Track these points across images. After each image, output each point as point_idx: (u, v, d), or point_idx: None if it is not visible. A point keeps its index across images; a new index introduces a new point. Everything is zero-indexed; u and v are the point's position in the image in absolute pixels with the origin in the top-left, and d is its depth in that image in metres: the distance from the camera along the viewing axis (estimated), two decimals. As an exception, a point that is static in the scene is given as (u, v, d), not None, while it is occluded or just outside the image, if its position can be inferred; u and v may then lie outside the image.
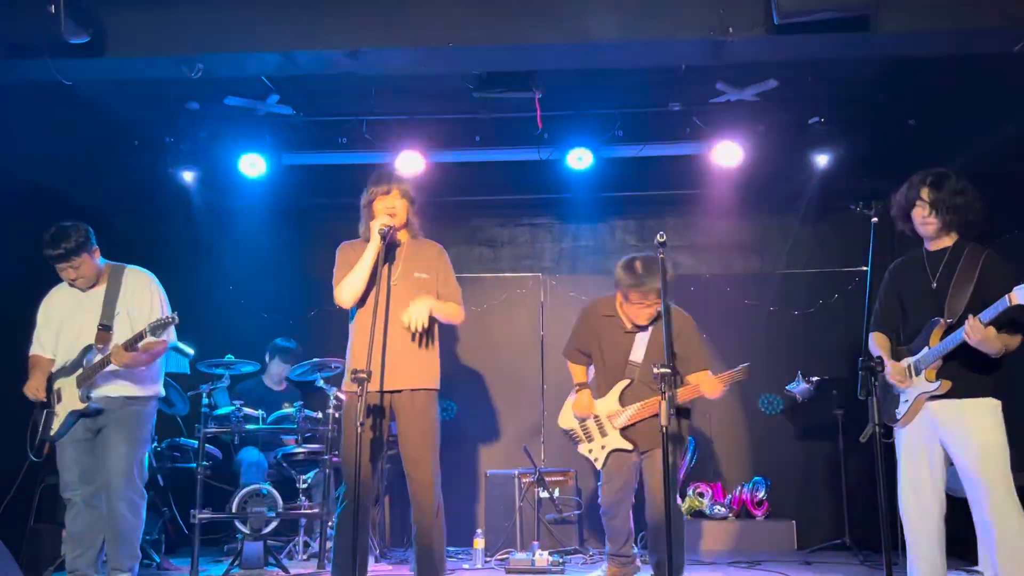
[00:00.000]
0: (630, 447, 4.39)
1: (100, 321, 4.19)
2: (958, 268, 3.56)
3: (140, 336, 4.06)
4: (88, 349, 4.15)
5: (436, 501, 3.88)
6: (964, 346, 3.43)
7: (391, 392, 3.86)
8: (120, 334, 4.15)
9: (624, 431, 4.42)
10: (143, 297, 4.30)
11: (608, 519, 4.56)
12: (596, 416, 4.51)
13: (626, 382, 4.44)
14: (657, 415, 4.24)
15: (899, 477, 3.70)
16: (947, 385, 3.51)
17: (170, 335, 4.31)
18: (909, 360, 3.65)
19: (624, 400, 4.43)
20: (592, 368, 4.70)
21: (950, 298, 3.54)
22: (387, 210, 3.94)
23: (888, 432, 3.76)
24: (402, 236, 4.07)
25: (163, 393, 4.46)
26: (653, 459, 4.34)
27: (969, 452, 3.47)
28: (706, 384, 4.33)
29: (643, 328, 4.46)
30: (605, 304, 4.58)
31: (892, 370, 3.65)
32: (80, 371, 4.12)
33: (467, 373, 7.02)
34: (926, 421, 3.61)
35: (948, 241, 3.67)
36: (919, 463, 3.62)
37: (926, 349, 3.57)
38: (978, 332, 3.33)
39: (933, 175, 3.68)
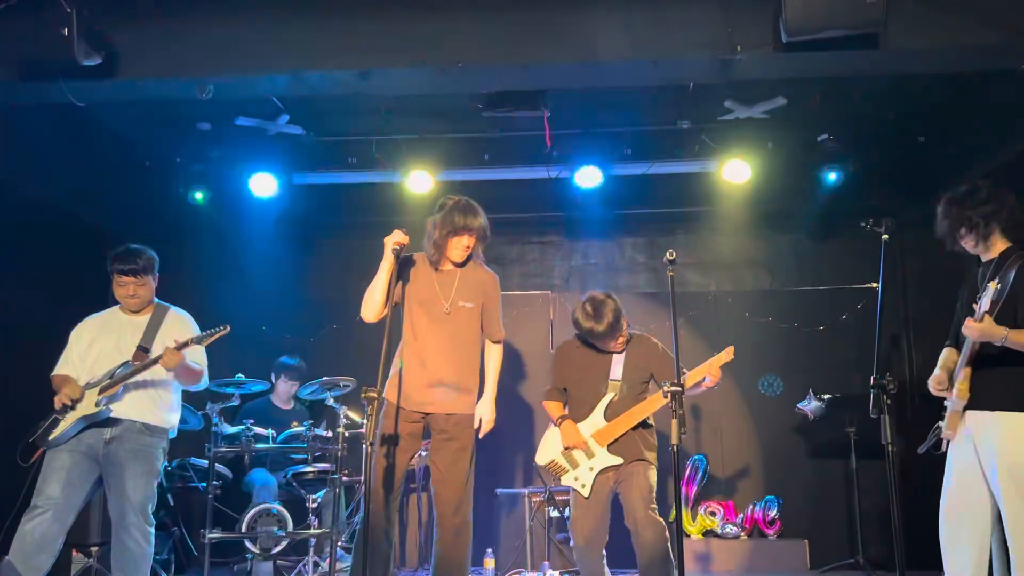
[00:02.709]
0: (620, 461, 4.33)
1: (139, 343, 4.25)
2: (1001, 275, 3.48)
3: (188, 343, 4.13)
4: (123, 365, 4.17)
5: (460, 519, 4.02)
6: (992, 356, 3.40)
7: (429, 414, 4.09)
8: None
9: (611, 446, 4.37)
10: (185, 330, 4.37)
11: (584, 561, 4.39)
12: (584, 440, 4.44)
13: (610, 396, 4.42)
14: (636, 427, 4.35)
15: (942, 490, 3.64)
16: (965, 395, 3.46)
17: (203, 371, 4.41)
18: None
19: (608, 415, 4.40)
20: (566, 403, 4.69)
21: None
22: (464, 250, 4.12)
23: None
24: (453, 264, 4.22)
25: (175, 432, 4.43)
26: (632, 475, 4.32)
27: (995, 467, 3.38)
28: (709, 372, 4.31)
29: (619, 352, 4.52)
30: (577, 339, 4.62)
31: (933, 378, 3.63)
32: (107, 381, 4.13)
33: (477, 391, 7.00)
34: (967, 434, 3.54)
35: (996, 251, 3.60)
36: (964, 478, 3.53)
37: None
38: (971, 324, 3.29)
39: (954, 193, 3.65)
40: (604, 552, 4.41)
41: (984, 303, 3.31)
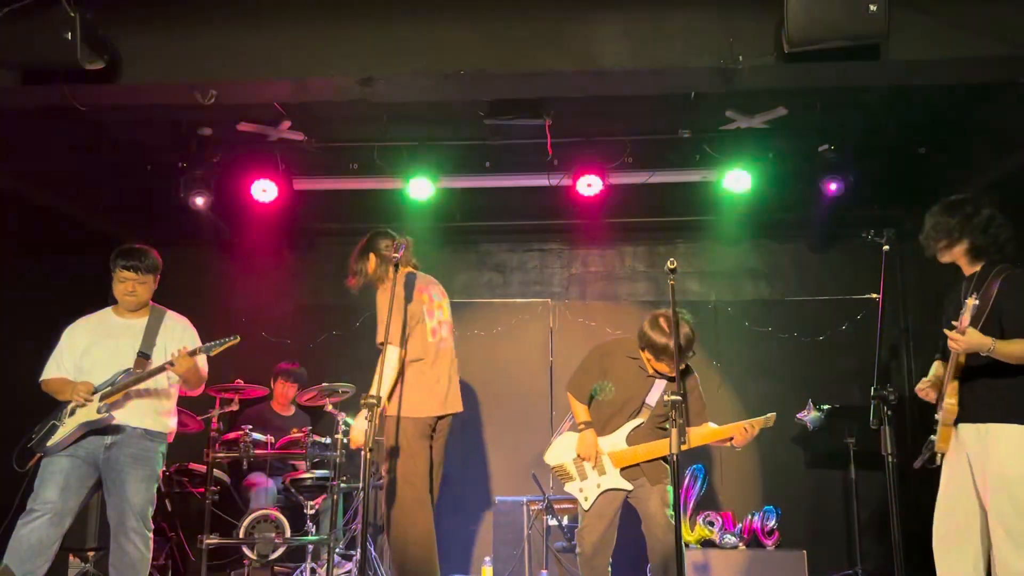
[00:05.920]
0: (629, 487, 4.29)
1: (139, 350, 4.23)
2: (982, 291, 3.51)
3: (196, 352, 4.15)
4: (124, 372, 4.15)
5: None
6: (980, 368, 3.41)
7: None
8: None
9: (625, 470, 4.32)
10: (187, 336, 4.37)
11: (590, 567, 4.33)
12: (598, 454, 4.38)
13: (638, 422, 4.36)
14: (658, 459, 4.27)
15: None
16: (954, 408, 3.47)
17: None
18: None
19: (631, 440, 4.34)
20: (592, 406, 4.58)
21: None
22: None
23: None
24: None
25: (171, 437, 4.41)
26: (653, 490, 4.28)
27: (985, 480, 3.39)
28: (737, 434, 4.24)
29: (666, 377, 4.36)
30: (631, 346, 4.44)
31: (918, 388, 3.66)
32: (108, 388, 4.11)
33: (475, 399, 6.99)
34: (959, 446, 3.55)
35: (978, 265, 3.63)
36: (957, 490, 3.54)
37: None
38: (956, 337, 3.29)
39: (945, 202, 3.67)
40: (611, 560, 4.37)
41: (964, 318, 3.31)
